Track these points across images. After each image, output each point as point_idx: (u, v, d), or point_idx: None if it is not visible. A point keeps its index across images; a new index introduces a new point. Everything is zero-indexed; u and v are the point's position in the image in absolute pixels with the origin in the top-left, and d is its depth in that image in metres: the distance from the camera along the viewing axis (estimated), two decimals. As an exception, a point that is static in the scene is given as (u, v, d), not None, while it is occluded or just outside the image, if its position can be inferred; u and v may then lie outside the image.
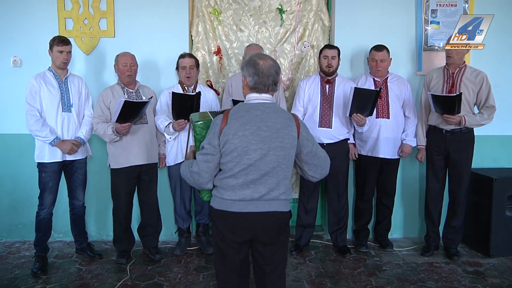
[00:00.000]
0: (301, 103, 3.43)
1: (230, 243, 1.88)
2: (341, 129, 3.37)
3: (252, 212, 1.82)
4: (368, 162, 3.50)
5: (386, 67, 3.42)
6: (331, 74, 3.35)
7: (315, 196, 3.51)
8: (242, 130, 1.79)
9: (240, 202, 1.82)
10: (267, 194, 1.82)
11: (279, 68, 1.89)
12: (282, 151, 1.81)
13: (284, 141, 1.81)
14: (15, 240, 3.71)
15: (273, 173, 1.81)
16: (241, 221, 1.84)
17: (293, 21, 3.81)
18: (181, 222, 3.51)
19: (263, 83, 1.84)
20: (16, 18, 3.57)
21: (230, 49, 3.83)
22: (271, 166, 1.80)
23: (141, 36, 3.60)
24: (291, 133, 1.82)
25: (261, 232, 1.86)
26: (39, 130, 3.03)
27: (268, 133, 1.79)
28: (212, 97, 3.47)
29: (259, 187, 1.81)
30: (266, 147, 1.79)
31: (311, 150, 1.87)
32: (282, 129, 1.81)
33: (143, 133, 3.20)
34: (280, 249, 1.93)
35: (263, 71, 1.82)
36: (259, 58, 1.86)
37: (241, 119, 1.80)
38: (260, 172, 1.80)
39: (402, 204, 3.86)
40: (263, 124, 1.80)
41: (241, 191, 1.81)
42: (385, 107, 3.39)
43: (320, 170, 1.93)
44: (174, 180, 3.44)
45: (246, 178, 1.80)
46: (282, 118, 1.84)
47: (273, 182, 1.82)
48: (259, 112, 1.82)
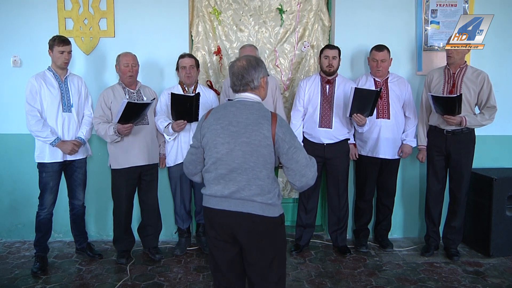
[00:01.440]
0: (301, 103, 3.44)
1: (214, 241, 1.90)
2: (341, 129, 3.38)
3: (226, 210, 1.83)
4: (368, 163, 3.51)
5: (387, 67, 3.43)
6: (331, 74, 3.36)
7: (315, 196, 3.53)
8: (215, 124, 1.86)
9: (213, 198, 1.86)
10: (237, 192, 1.81)
11: (254, 68, 1.88)
12: (248, 147, 1.79)
13: (251, 137, 1.79)
14: (15, 240, 3.73)
15: (241, 170, 1.80)
16: (217, 218, 1.85)
17: (293, 21, 3.82)
18: (181, 222, 3.52)
19: (235, 83, 1.91)
20: (16, 18, 3.58)
21: (230, 49, 3.84)
22: (237, 161, 1.80)
23: (141, 36, 3.62)
24: (260, 131, 1.79)
25: (238, 233, 1.84)
26: (40, 131, 3.03)
27: (236, 128, 1.82)
28: (212, 97, 3.48)
29: (228, 183, 1.82)
30: (233, 142, 1.81)
31: (286, 152, 1.82)
32: (251, 125, 1.81)
33: (144, 134, 3.22)
34: (263, 255, 1.85)
35: (233, 72, 1.90)
36: (238, 59, 1.94)
37: (216, 115, 1.88)
38: (227, 167, 1.81)
39: (402, 204, 3.87)
40: (234, 120, 1.83)
41: (214, 186, 1.86)
42: (386, 108, 3.40)
43: (298, 177, 1.83)
44: (174, 180, 3.46)
45: (216, 173, 1.84)
46: (255, 115, 1.83)
47: (242, 180, 1.80)
48: (234, 108, 1.87)
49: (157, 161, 3.38)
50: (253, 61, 1.92)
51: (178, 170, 3.39)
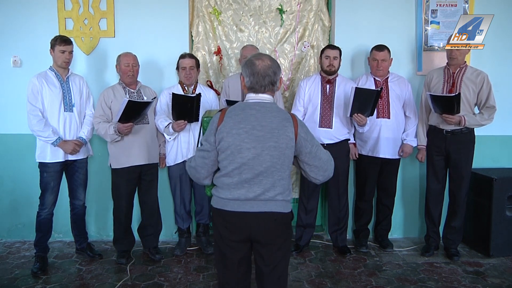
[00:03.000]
0: (301, 103, 3.47)
1: (228, 242, 1.91)
2: (341, 129, 3.41)
3: (247, 211, 1.84)
4: (369, 162, 3.54)
5: (387, 67, 3.47)
6: (332, 74, 3.39)
7: (315, 196, 3.55)
8: (236, 128, 1.81)
9: (235, 202, 1.85)
10: (262, 194, 1.84)
11: (278, 68, 1.89)
12: (277, 151, 1.81)
13: (279, 141, 1.81)
14: (15, 240, 3.76)
15: (267, 173, 1.83)
16: (237, 220, 1.86)
17: (293, 21, 3.85)
18: (181, 222, 3.55)
19: (259, 84, 1.86)
20: (16, 18, 3.61)
21: (230, 49, 3.87)
22: (265, 166, 1.81)
23: (141, 36, 3.65)
24: (286, 133, 1.82)
25: (257, 232, 1.88)
26: (42, 130, 3.06)
27: (262, 133, 1.81)
28: (212, 97, 3.51)
29: (253, 186, 1.83)
30: (260, 147, 1.80)
31: (310, 151, 1.88)
32: (277, 128, 1.82)
33: (144, 133, 3.24)
34: (279, 251, 1.93)
35: (258, 71, 1.85)
36: (257, 58, 1.89)
37: (236, 118, 1.84)
38: (254, 172, 1.82)
39: (402, 204, 3.90)
40: (258, 124, 1.82)
41: (236, 190, 1.84)
42: (386, 107, 3.44)
43: (322, 172, 1.92)
44: (174, 180, 3.48)
45: (240, 177, 1.83)
46: (278, 118, 1.85)
47: (268, 182, 1.83)
48: (254, 111, 1.85)
49: (157, 161, 3.41)
50: (275, 60, 1.92)
51: (178, 170, 3.42)
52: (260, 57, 1.90)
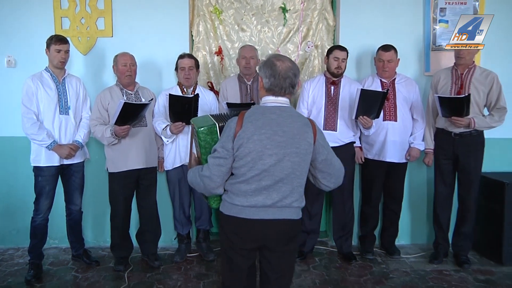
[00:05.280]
0: (305, 105, 3.47)
1: (238, 250, 1.92)
2: (346, 132, 3.42)
3: (262, 219, 1.85)
4: (375, 166, 3.54)
5: (394, 68, 3.47)
6: (339, 75, 3.40)
7: (320, 201, 3.55)
8: (257, 134, 1.80)
9: (251, 209, 1.85)
10: (280, 201, 1.85)
11: (297, 70, 1.89)
12: (298, 158, 1.82)
13: (300, 147, 1.82)
14: (8, 246, 3.76)
15: (287, 180, 1.83)
16: (251, 228, 1.86)
17: (297, 20, 3.86)
18: (181, 228, 3.56)
19: (279, 86, 1.85)
20: (10, 17, 3.61)
21: (232, 49, 3.88)
22: (285, 172, 1.82)
23: (140, 36, 3.65)
24: (307, 139, 1.84)
25: (270, 240, 1.90)
26: (36, 134, 3.06)
27: (284, 138, 1.81)
28: (211, 99, 3.52)
29: (272, 193, 1.83)
30: (282, 153, 1.80)
31: (326, 158, 1.89)
32: (298, 134, 1.83)
33: (142, 136, 3.25)
34: (287, 257, 1.96)
35: (279, 73, 1.84)
36: (277, 59, 1.87)
37: (256, 123, 1.82)
38: (274, 179, 1.82)
39: (410, 209, 3.90)
40: (279, 129, 1.81)
41: (253, 197, 1.84)
42: (393, 110, 3.44)
43: (334, 180, 1.94)
44: (172, 184, 3.49)
45: (259, 184, 1.82)
46: (299, 123, 1.85)
47: (287, 189, 1.84)
48: (275, 116, 1.84)
49: (156, 165, 3.42)
50: (294, 62, 1.92)
51: (176, 174, 3.43)
52: (280, 58, 1.89)
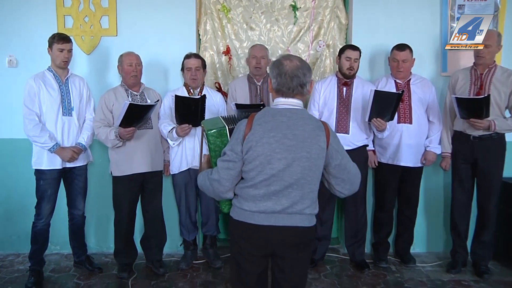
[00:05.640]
0: (316, 106, 3.44)
1: (247, 256, 1.91)
2: (359, 134, 3.38)
3: (272, 225, 1.83)
4: (389, 171, 3.50)
5: (409, 68, 3.42)
6: (351, 76, 3.37)
7: (331, 206, 3.52)
8: (266, 137, 1.79)
9: (260, 214, 1.84)
10: (290, 207, 1.83)
11: (308, 70, 1.86)
12: (308, 162, 1.80)
13: (311, 152, 1.80)
14: (8, 252, 3.74)
15: (297, 186, 1.81)
16: (260, 234, 1.85)
17: (308, 18, 3.84)
18: (187, 234, 3.53)
19: (286, 85, 1.83)
20: (11, 15, 3.60)
21: (240, 48, 3.86)
22: (295, 177, 1.80)
23: (145, 35, 3.64)
24: (319, 143, 1.81)
25: (280, 247, 1.87)
26: (38, 136, 3.05)
27: (293, 142, 1.79)
28: (219, 100, 3.50)
29: (281, 199, 1.82)
30: (291, 157, 1.78)
31: (340, 163, 1.86)
32: (309, 138, 1.80)
33: (147, 139, 3.23)
34: (300, 266, 1.94)
35: (286, 72, 1.82)
36: (285, 58, 1.87)
37: (265, 125, 1.81)
38: (283, 184, 1.80)
39: (426, 215, 3.84)
40: (289, 132, 1.80)
41: (262, 202, 1.83)
42: (408, 111, 3.40)
43: (348, 186, 1.91)
44: (178, 189, 3.46)
45: (268, 189, 1.81)
46: (311, 126, 1.83)
47: (297, 195, 1.82)
48: (286, 118, 1.82)
49: (161, 168, 3.40)
50: (304, 61, 1.89)
51: (182, 178, 3.41)
52: (288, 57, 1.88)
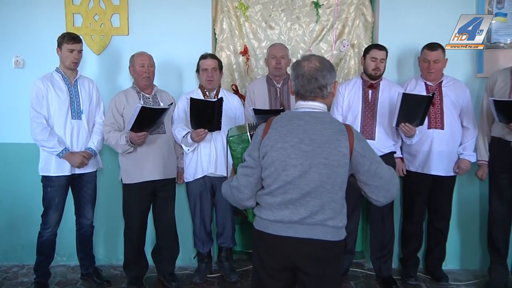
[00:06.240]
0: (340, 110, 3.41)
1: (268, 269, 1.89)
2: (386, 141, 3.33)
3: (291, 237, 1.81)
4: (418, 180, 3.43)
5: (441, 69, 3.36)
6: (377, 78, 3.34)
7: (355, 218, 3.46)
8: (281, 142, 1.80)
9: (278, 224, 1.83)
10: (309, 217, 1.80)
11: (328, 71, 1.85)
12: (326, 169, 1.77)
13: (330, 158, 1.77)
14: (12, 264, 3.75)
15: (315, 194, 1.79)
16: (279, 245, 1.84)
17: (331, 16, 3.82)
18: (201, 246, 3.50)
19: (304, 88, 1.84)
20: (18, 14, 3.61)
21: (259, 48, 3.86)
22: (312, 185, 1.78)
23: (158, 34, 3.64)
24: (339, 148, 1.78)
25: (302, 261, 1.84)
26: (46, 140, 3.05)
27: (310, 147, 1.78)
28: (236, 104, 3.49)
29: (299, 208, 1.80)
30: (307, 163, 1.77)
31: (368, 169, 1.82)
32: (328, 143, 1.78)
33: (160, 144, 3.22)
34: (327, 284, 1.88)
35: (303, 74, 1.83)
36: (304, 59, 1.87)
37: (281, 129, 1.82)
38: (299, 192, 1.79)
39: (459, 229, 3.75)
40: (306, 137, 1.79)
41: (280, 211, 1.82)
42: (439, 116, 3.34)
43: (383, 193, 1.86)
44: (193, 197, 3.45)
45: (284, 197, 1.81)
46: (330, 130, 1.80)
47: (315, 204, 1.79)
48: (303, 122, 1.82)
49: (174, 176, 3.39)
50: (326, 61, 1.88)
51: (197, 186, 3.40)
52: (308, 58, 1.88)
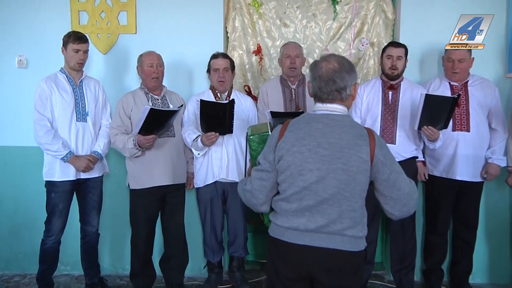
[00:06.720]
0: (358, 113, 3.38)
1: (283, 279, 1.88)
2: (407, 145, 3.29)
3: (307, 245, 1.80)
4: (442, 186, 3.36)
5: (466, 69, 3.29)
6: (395, 78, 3.29)
7: (375, 227, 3.39)
8: (298, 145, 1.79)
9: (293, 232, 1.82)
10: (327, 226, 1.78)
11: (348, 73, 1.83)
12: (345, 175, 1.75)
13: (349, 163, 1.75)
14: (14, 273, 3.75)
15: (333, 201, 1.77)
16: (294, 253, 1.83)
17: (349, 13, 3.80)
18: (211, 255, 3.48)
19: (321, 90, 1.83)
20: (21, 12, 3.62)
21: (273, 47, 3.84)
22: (330, 192, 1.76)
23: (167, 33, 3.64)
24: (359, 154, 1.76)
25: (318, 271, 1.82)
26: (50, 143, 3.04)
27: (328, 152, 1.76)
28: (249, 105, 3.46)
29: (315, 216, 1.79)
30: (325, 168, 1.76)
31: (387, 178, 1.80)
32: (347, 147, 1.76)
33: (169, 148, 3.21)
34: None
35: (321, 75, 1.82)
36: (323, 59, 1.87)
37: (298, 132, 1.82)
38: (316, 198, 1.77)
39: (487, 239, 3.66)
40: (324, 140, 1.78)
41: (295, 218, 1.82)
42: (464, 118, 3.27)
43: (399, 207, 1.84)
44: (203, 204, 3.42)
45: (300, 204, 1.80)
46: (351, 134, 1.79)
47: (333, 212, 1.78)
48: (322, 125, 1.81)
49: (184, 181, 3.38)
50: (346, 62, 1.86)
51: (208, 192, 3.37)
52: (327, 58, 1.88)
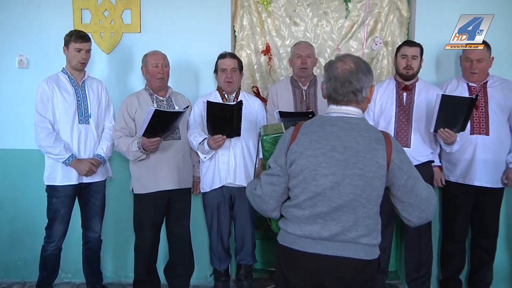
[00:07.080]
0: (371, 115, 3.36)
1: None
2: (422, 148, 3.26)
3: (319, 254, 1.78)
4: (460, 192, 3.31)
5: (485, 69, 3.25)
6: (410, 78, 3.26)
7: (389, 234, 3.34)
8: (312, 148, 1.77)
9: (305, 240, 1.80)
10: (341, 234, 1.76)
11: (364, 74, 1.82)
12: (361, 181, 1.74)
13: (365, 168, 1.74)
14: (13, 280, 3.74)
15: (348, 208, 1.75)
16: (306, 263, 1.81)
17: (362, 11, 3.77)
18: (218, 263, 3.46)
19: (336, 91, 1.82)
20: (22, 10, 3.63)
21: (282, 47, 3.82)
22: (345, 198, 1.75)
23: (173, 32, 3.63)
24: (375, 159, 1.75)
25: (330, 281, 1.80)
26: (51, 146, 3.03)
27: (344, 156, 1.75)
28: (258, 107, 3.45)
29: (330, 223, 1.77)
30: (340, 173, 1.74)
31: (405, 184, 1.78)
32: (363, 152, 1.75)
33: (174, 151, 3.20)
34: None
35: (336, 76, 1.80)
36: (338, 59, 1.85)
37: (312, 135, 1.80)
38: (331, 205, 1.75)
39: (508, 248, 3.60)
40: (340, 144, 1.76)
41: (308, 225, 1.80)
42: (483, 120, 3.23)
43: (417, 213, 1.82)
44: (210, 210, 3.40)
45: (313, 210, 1.78)
46: (367, 138, 1.77)
47: (349, 219, 1.76)
48: (337, 128, 1.79)
49: (190, 185, 3.37)
50: (362, 63, 1.84)
51: (215, 197, 3.36)
52: (342, 58, 1.86)
